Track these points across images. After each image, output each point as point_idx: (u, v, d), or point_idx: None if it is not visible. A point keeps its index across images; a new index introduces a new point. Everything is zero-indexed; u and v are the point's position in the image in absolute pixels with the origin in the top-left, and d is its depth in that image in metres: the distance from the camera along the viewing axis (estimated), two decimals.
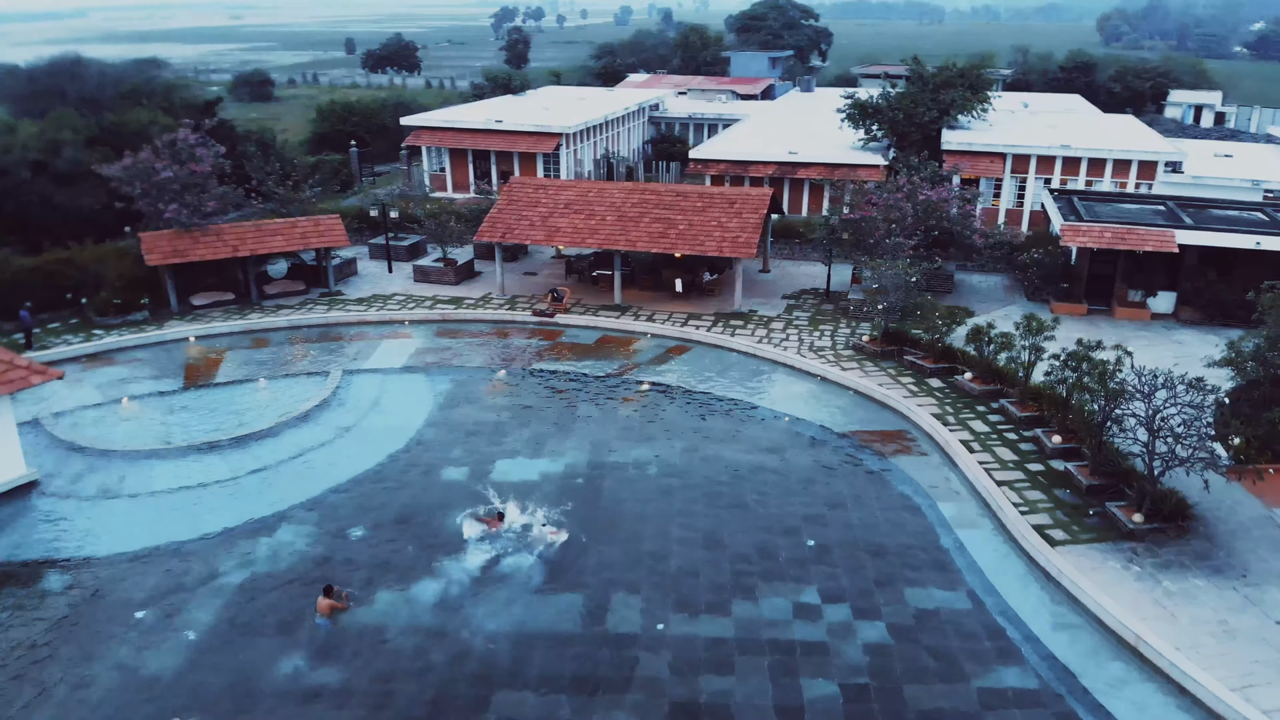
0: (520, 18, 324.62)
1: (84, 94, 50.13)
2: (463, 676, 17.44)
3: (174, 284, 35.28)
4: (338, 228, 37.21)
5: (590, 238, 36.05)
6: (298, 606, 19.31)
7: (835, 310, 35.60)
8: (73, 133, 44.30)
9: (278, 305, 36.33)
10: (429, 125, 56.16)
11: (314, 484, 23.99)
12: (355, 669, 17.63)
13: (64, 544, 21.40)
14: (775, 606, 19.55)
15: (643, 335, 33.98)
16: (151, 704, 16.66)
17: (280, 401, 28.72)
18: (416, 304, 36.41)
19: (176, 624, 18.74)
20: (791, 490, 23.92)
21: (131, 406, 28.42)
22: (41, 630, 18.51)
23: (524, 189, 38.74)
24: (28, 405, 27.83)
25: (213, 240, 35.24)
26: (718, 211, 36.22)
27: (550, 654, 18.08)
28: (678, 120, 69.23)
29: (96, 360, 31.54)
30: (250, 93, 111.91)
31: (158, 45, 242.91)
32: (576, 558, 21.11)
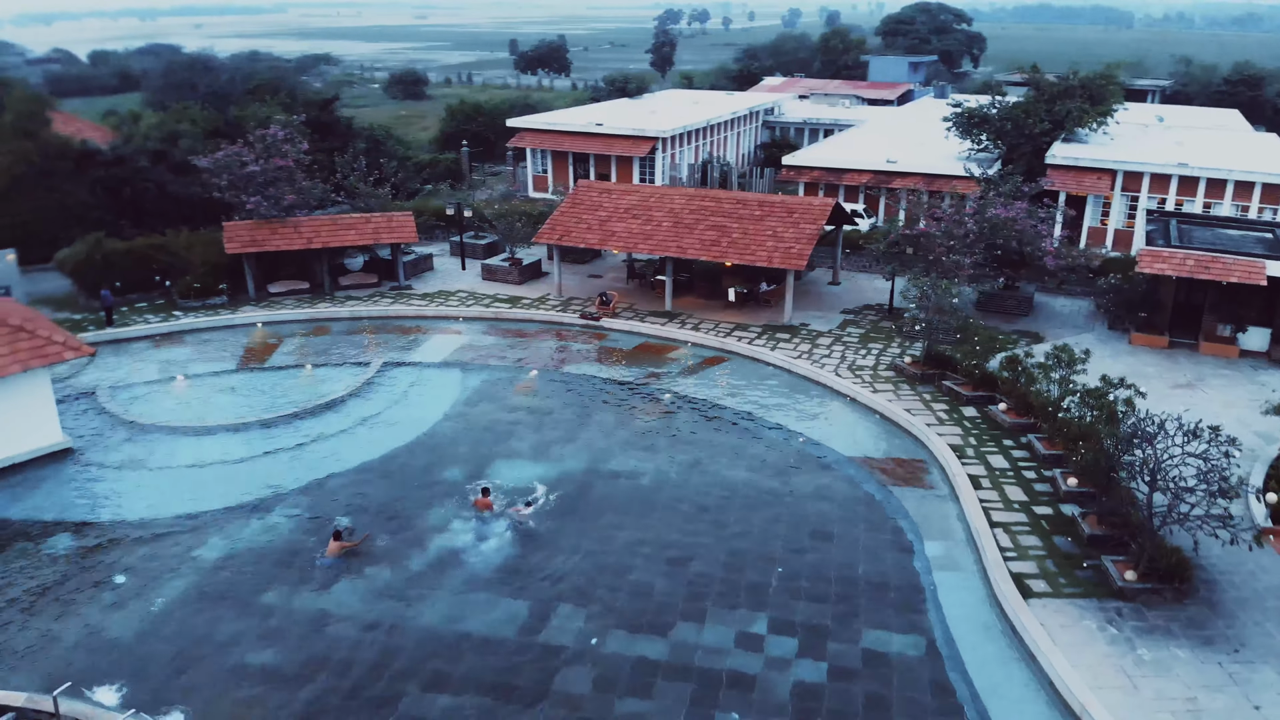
0: (685, 20, 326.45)
1: (214, 88, 54.03)
2: (381, 673, 17.75)
3: (253, 272, 37.47)
4: (409, 224, 38.53)
5: (643, 243, 35.92)
6: (257, 580, 20.18)
7: (893, 328, 34.08)
8: (191, 124, 47.84)
9: (348, 296, 37.99)
10: (532, 127, 57.35)
11: (315, 470, 24.98)
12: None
13: (80, 508, 23.13)
14: (719, 633, 18.91)
15: (683, 344, 33.58)
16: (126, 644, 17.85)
17: (317, 389, 30.00)
18: (476, 301, 37.26)
19: (159, 589, 19.91)
20: (779, 515, 23.07)
21: (184, 384, 30.39)
22: (34, 586, 20.10)
23: (588, 192, 38.99)
24: (91, 376, 30.29)
25: (290, 232, 37.21)
26: (775, 221, 35.34)
27: (475, 658, 18.14)
28: (792, 125, 67.98)
29: (168, 339, 33.90)
30: (403, 91, 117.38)
31: (339, 42, 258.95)
32: (536, 564, 21.10)
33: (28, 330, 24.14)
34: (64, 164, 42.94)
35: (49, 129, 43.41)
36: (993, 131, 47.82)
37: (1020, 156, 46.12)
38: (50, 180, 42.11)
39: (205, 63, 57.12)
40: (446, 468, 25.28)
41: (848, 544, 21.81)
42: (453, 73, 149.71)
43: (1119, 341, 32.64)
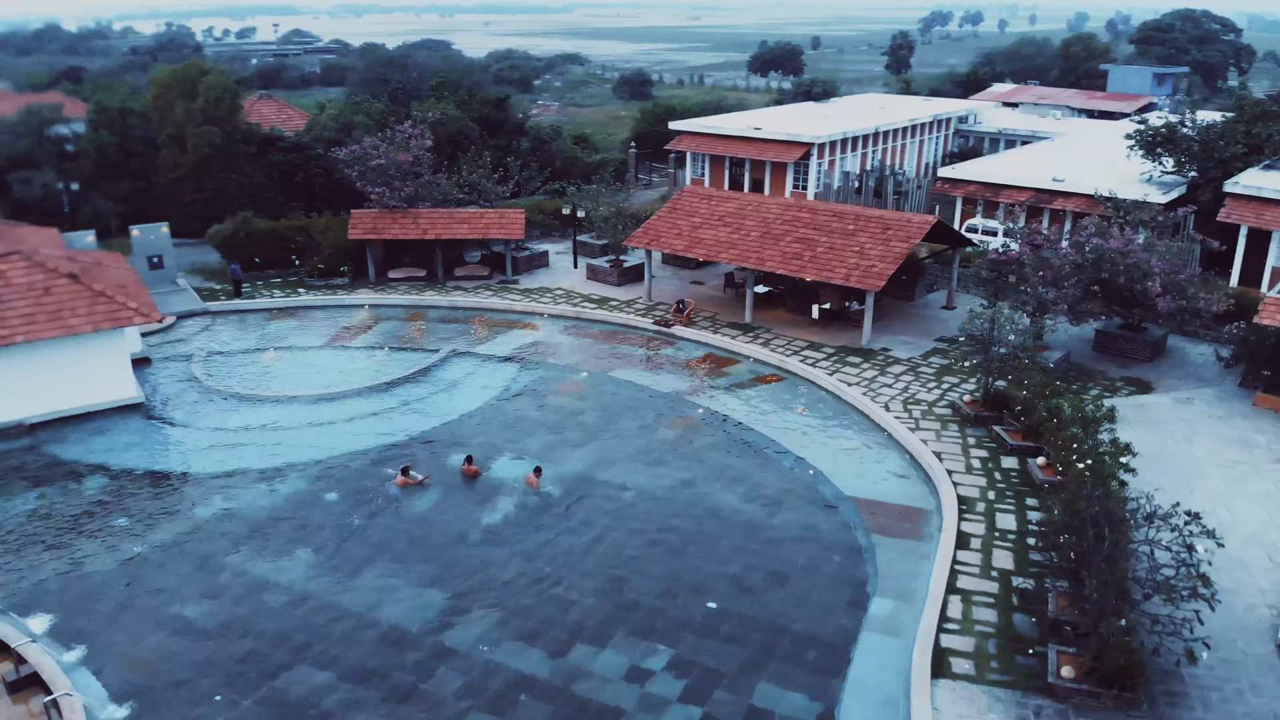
0: (956, 22, 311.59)
1: (404, 83, 58.13)
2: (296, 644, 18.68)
3: (374, 257, 40.13)
4: (519, 222, 39.72)
5: (725, 252, 34.95)
6: (228, 545, 21.78)
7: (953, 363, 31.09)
8: (366, 117, 51.77)
9: (457, 286, 39.80)
10: (692, 130, 57.19)
11: (332, 447, 26.48)
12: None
13: (124, 456, 25.92)
14: (612, 662, 18.24)
15: (745, 359, 32.39)
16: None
17: (381, 371, 31.71)
18: (567, 300, 37.85)
19: (149, 537, 22.04)
20: (745, 548, 21.79)
21: (271, 356, 33.13)
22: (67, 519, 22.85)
23: (690, 198, 38.43)
24: (195, 342, 33.72)
25: (408, 222, 39.50)
26: (866, 236, 33.23)
27: (371, 645, 18.59)
28: (987, 135, 63.33)
29: (282, 314, 37.05)
30: (630, 91, 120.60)
31: (604, 42, 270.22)
32: (472, 562, 21.27)
33: (107, 295, 27.32)
34: (247, 148, 48.01)
35: (238, 115, 48.56)
36: (1179, 153, 42.19)
37: (1209, 182, 40.42)
38: (233, 162, 47.21)
39: (401, 60, 61.71)
40: (447, 456, 25.98)
41: (798, 590, 20.25)
42: (693, 74, 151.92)
43: (1242, 401, 27.91)
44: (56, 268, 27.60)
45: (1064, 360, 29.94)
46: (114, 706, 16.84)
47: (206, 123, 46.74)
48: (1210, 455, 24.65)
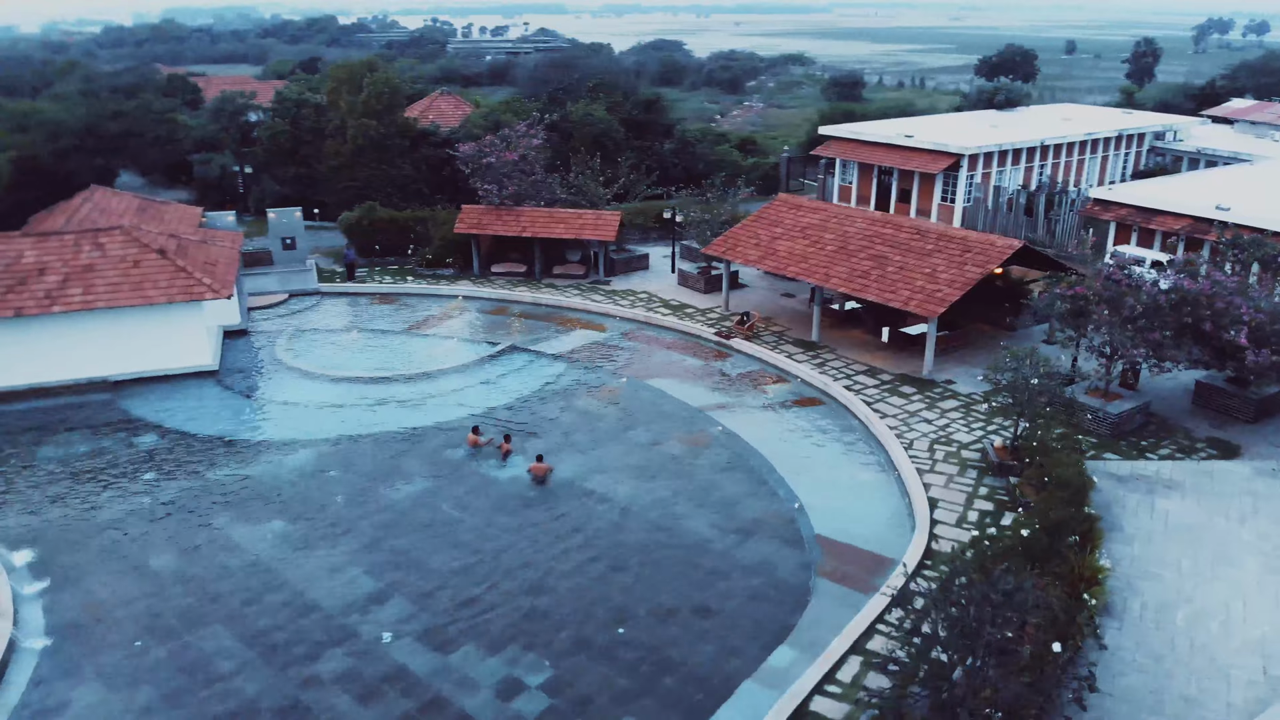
0: (1238, 30, 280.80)
1: (564, 84, 59.74)
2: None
3: (479, 251, 41.72)
4: (612, 225, 39.94)
5: (792, 265, 33.47)
6: (204, 512, 23.62)
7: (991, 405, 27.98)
8: (514, 116, 53.73)
9: (550, 284, 40.65)
10: (842, 136, 54.99)
11: (346, 427, 27.95)
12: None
13: (181, 418, 28.61)
14: (491, 670, 18.18)
15: (793, 379, 30.93)
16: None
17: (440, 359, 32.98)
18: (644, 304, 37.69)
19: (165, 493, 24.37)
20: (690, 576, 20.96)
21: (353, 337, 35.29)
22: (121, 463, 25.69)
23: (779, 207, 37.07)
24: (285, 320, 36.50)
25: (511, 219, 40.77)
26: (942, 258, 30.78)
27: (284, 619, 19.55)
28: (1186, 154, 56.51)
29: (383, 299, 39.35)
30: (838, 93, 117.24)
31: (845, 43, 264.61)
32: (416, 553, 21.80)
33: (186, 271, 30.21)
34: (401, 142, 51.23)
35: (398, 110, 51.86)
36: None
37: None
38: (386, 154, 50.56)
39: (568, 60, 63.45)
40: (448, 449, 26.71)
41: (716, 628, 19.23)
42: (916, 77, 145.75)
43: None
44: (149, 244, 30.85)
45: (1137, 412, 26.38)
46: (42, 639, 18.76)
47: (365, 116, 50.35)
48: (1259, 540, 20.96)
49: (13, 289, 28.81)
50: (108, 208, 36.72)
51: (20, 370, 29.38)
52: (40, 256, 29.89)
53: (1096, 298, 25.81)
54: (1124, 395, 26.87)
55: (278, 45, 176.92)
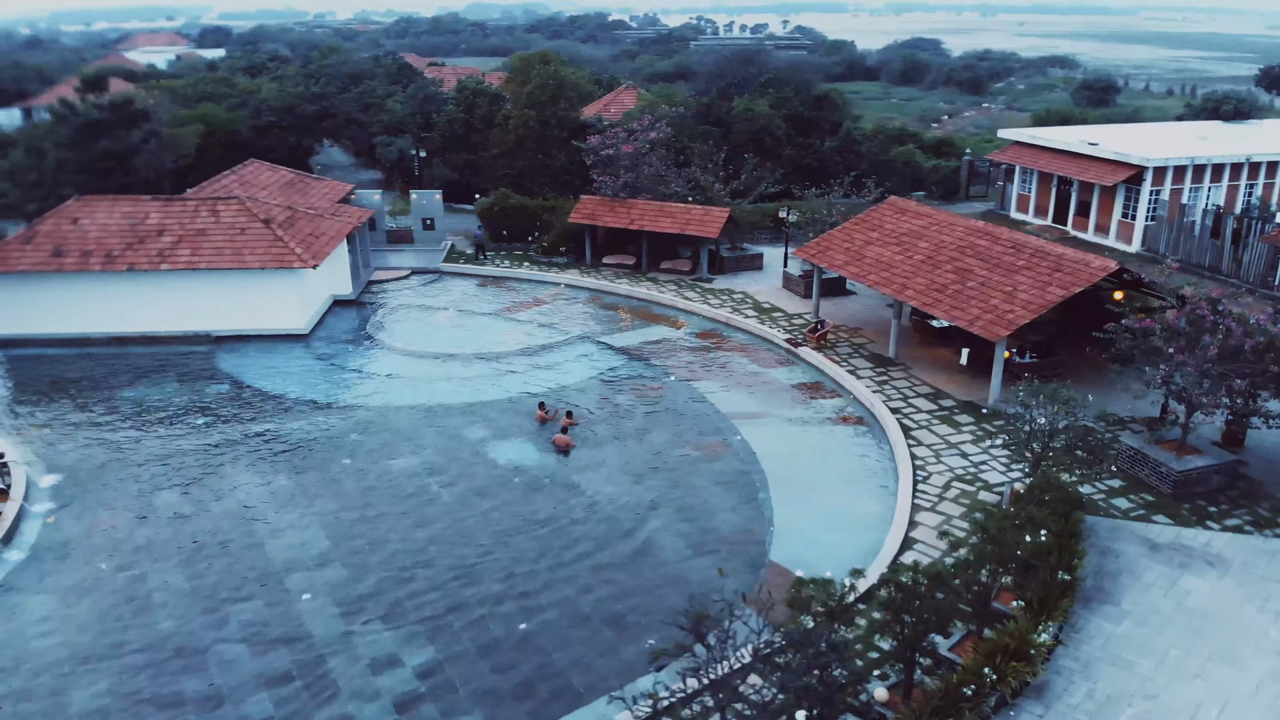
0: None
1: (741, 79, 58.69)
2: None
3: (592, 242, 42.03)
4: (717, 222, 38.87)
5: (874, 274, 31.03)
6: (274, 461, 25.53)
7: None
8: (668, 110, 53.54)
9: (653, 278, 40.28)
10: (1022, 141, 50.24)
11: (408, 397, 29.15)
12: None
13: (257, 375, 31.01)
14: (382, 643, 18.38)
15: (847, 394, 28.77)
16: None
17: (512, 342, 33.54)
18: (734, 305, 36.47)
19: (198, 435, 26.72)
20: (623, 581, 20.19)
21: (446, 315, 36.70)
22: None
23: (883, 211, 34.48)
24: (396, 295, 38.52)
25: (623, 211, 40.77)
26: (1028, 276, 27.46)
27: (236, 574, 20.83)
28: None
29: (492, 281, 40.64)
30: (1088, 98, 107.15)
31: (1136, 48, 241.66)
32: (381, 521, 22.42)
33: (283, 241, 32.68)
34: (560, 133, 52.55)
35: (560, 102, 53.22)
36: None
37: None
38: (544, 145, 52.08)
39: (745, 57, 62.15)
40: (469, 428, 27.19)
41: (605, 646, 18.33)
42: (1187, 84, 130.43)
43: None
44: (257, 213, 33.67)
45: (1214, 471, 22.24)
46: (21, 552, 21.07)
47: (529, 107, 52.14)
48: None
49: (132, 246, 32.49)
50: (256, 180, 40.44)
51: (136, 319, 33.07)
52: (163, 219, 33.50)
53: (1168, 334, 22.00)
54: (1204, 450, 22.77)
55: (539, 40, 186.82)
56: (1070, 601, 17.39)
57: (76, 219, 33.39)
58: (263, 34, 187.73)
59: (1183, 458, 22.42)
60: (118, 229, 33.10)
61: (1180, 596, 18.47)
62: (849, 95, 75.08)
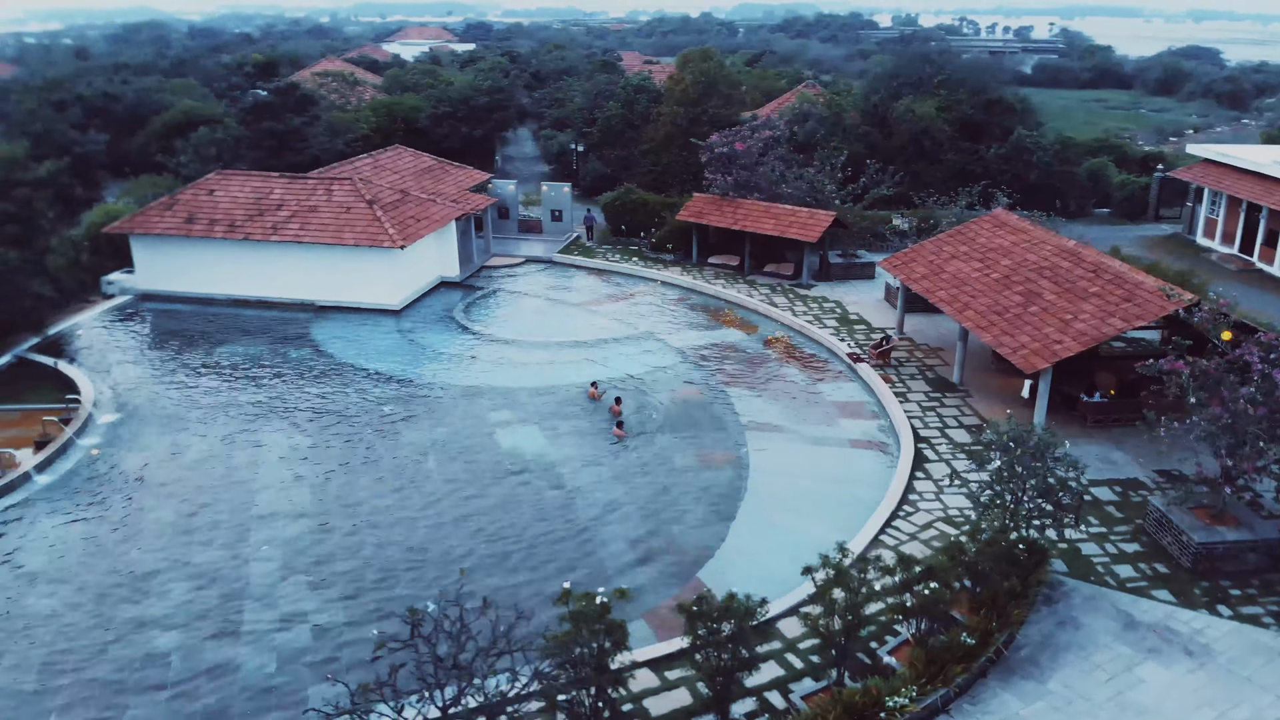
0: None
1: (914, 77, 55.42)
2: None
3: (699, 240, 41.44)
4: (817, 227, 37.16)
5: (941, 291, 28.63)
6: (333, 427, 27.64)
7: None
8: (825, 108, 51.73)
9: (751, 280, 39.21)
10: (1211, 158, 44.21)
11: (461, 376, 30.33)
12: None
13: (340, 345, 33.09)
14: (301, 600, 19.29)
15: (884, 417, 26.74)
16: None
17: (581, 333, 33.86)
18: (818, 313, 34.84)
19: (257, 390, 29.16)
20: (548, 572, 20.05)
21: (535, 303, 37.58)
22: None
23: (980, 224, 31.63)
24: (500, 280, 39.85)
25: (730, 210, 39.96)
26: (1094, 304, 24.42)
27: (231, 526, 22.66)
28: None
29: (594, 273, 41.12)
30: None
31: None
32: (346, 483, 23.52)
33: (380, 222, 34.73)
34: (709, 130, 52.11)
35: (709, 100, 52.77)
36: None
37: None
38: (688, 142, 51.90)
39: (924, 56, 58.44)
40: (496, 411, 27.82)
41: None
42: None
43: None
44: (364, 194, 35.97)
45: (1249, 548, 18.76)
46: (49, 478, 23.89)
47: (679, 104, 52.22)
48: None
49: (253, 218, 35.74)
50: (394, 164, 43.17)
51: (254, 284, 36.33)
52: (284, 195, 36.60)
53: (1196, 380, 18.80)
54: (1246, 522, 19.29)
55: (782, 39, 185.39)
56: (962, 670, 15.37)
57: (213, 190, 37.21)
58: (519, 30, 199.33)
59: (1213, 527, 19.14)
60: (245, 201, 36.55)
61: (1126, 686, 15.84)
62: (1065, 101, 69.27)
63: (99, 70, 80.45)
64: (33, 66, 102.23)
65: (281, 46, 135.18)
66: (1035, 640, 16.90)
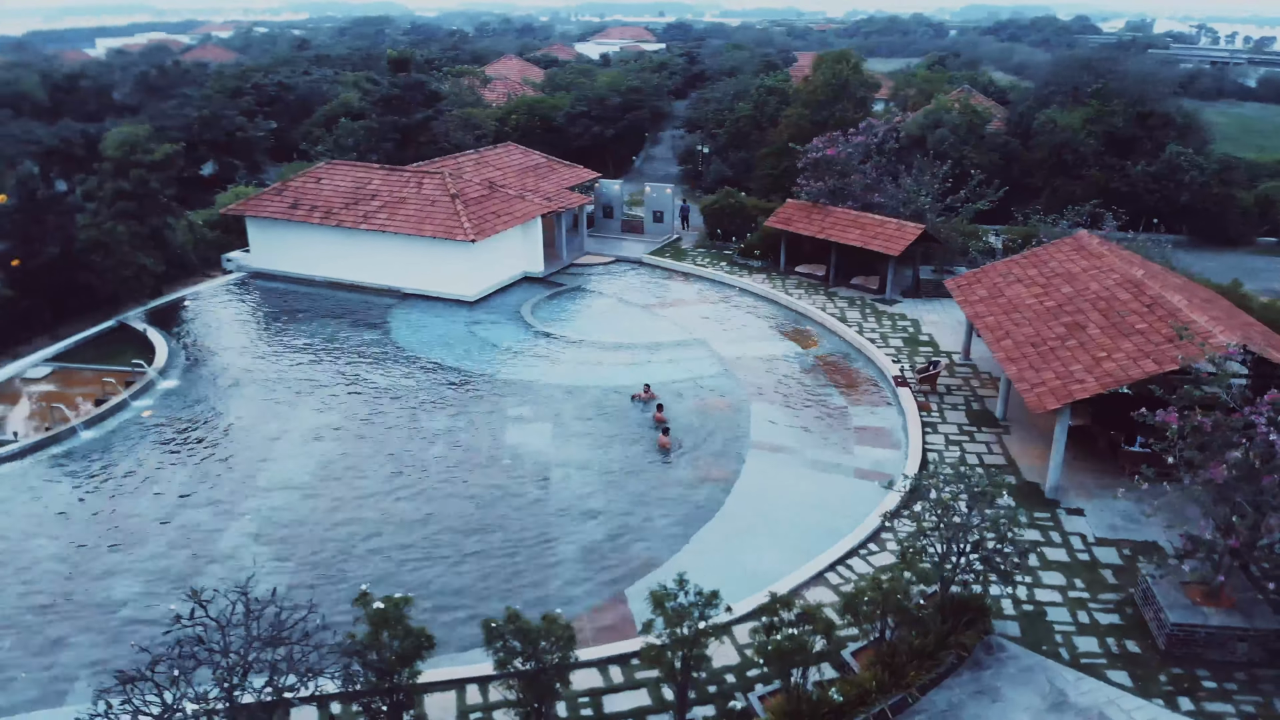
0: None
1: (1075, 85, 51.32)
2: None
3: (790, 247, 40.12)
4: (899, 239, 35.11)
5: (985, 317, 26.34)
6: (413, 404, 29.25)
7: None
8: (958, 114, 48.79)
9: (833, 293, 37.61)
10: None
11: (506, 369, 31.03)
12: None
13: (407, 332, 34.47)
14: (255, 564, 20.46)
15: (903, 446, 24.98)
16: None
17: (636, 336, 33.68)
18: (888, 331, 32.98)
19: (317, 365, 30.96)
20: (490, 568, 20.26)
21: (606, 304, 37.66)
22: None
23: (1058, 248, 28.83)
24: (582, 278, 40.14)
25: (818, 218, 38.50)
26: (1136, 341, 21.79)
27: (270, 491, 24.29)
28: None
29: (677, 275, 40.72)
30: None
31: None
32: (349, 465, 24.50)
33: (458, 217, 35.86)
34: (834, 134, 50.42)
35: (840, 103, 50.90)
36: None
37: None
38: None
39: (1083, 63, 53.41)
40: (519, 406, 28.21)
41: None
42: None
43: None
44: (449, 188, 37.23)
45: (1239, 637, 16.21)
46: (98, 442, 26.28)
47: (804, 106, 50.81)
48: None
49: (348, 206, 37.79)
50: (500, 161, 44.33)
51: (348, 269, 38.41)
52: (380, 185, 38.47)
53: (1187, 436, 16.42)
54: (1245, 607, 16.71)
55: (990, 42, 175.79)
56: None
57: (320, 178, 39.66)
58: (719, 31, 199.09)
59: (1199, 607, 16.72)
60: (344, 190, 38.73)
61: None
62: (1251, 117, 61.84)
63: (299, 60, 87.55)
64: (252, 55, 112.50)
65: (478, 44, 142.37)
66: (938, 708, 15.38)
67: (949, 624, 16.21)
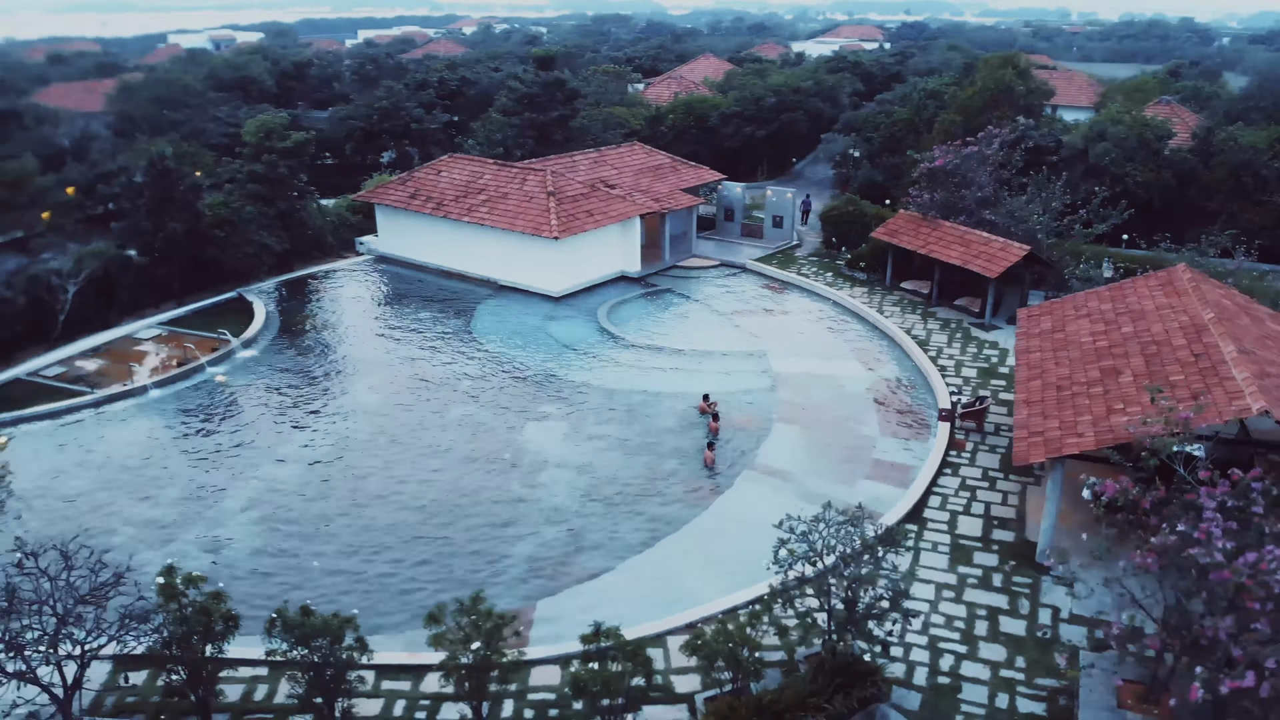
0: None
1: (1268, 103, 45.10)
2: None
3: (896, 261, 37.82)
4: (999, 260, 32.27)
5: (1032, 354, 23.65)
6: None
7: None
8: (1112, 124, 44.24)
9: (932, 313, 35.15)
10: None
11: (560, 368, 31.56)
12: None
13: (489, 321, 35.60)
14: (246, 532, 22.10)
15: (911, 484, 23.02)
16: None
17: (705, 345, 33.01)
18: (968, 359, 30.51)
19: (390, 350, 32.79)
20: (451, 558, 20.81)
21: (689, 308, 37.13)
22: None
23: (1148, 281, 25.40)
24: (677, 281, 39.83)
25: (924, 233, 36.07)
26: (1191, 386, 18.94)
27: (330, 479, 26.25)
28: None
29: (775, 283, 39.42)
30: None
31: None
32: (373, 449, 25.75)
33: (547, 214, 36.54)
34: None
35: (996, 109, 47.32)
36: None
37: None
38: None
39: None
40: (546, 404, 28.55)
41: (369, 595, 19.41)
42: None
43: None
44: (548, 186, 37.97)
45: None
46: (160, 401, 28.99)
47: (959, 112, 47.75)
48: None
49: (458, 199, 39.44)
50: (622, 160, 44.68)
51: (458, 258, 40.06)
52: (489, 180, 39.87)
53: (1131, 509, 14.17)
54: (1179, 714, 14.24)
55: (1259, 53, 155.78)
56: None
57: (440, 171, 41.65)
58: (956, 31, 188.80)
59: (1123, 711, 14.42)
60: (458, 183, 40.46)
61: None
62: None
63: (505, 56, 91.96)
64: (478, 50, 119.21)
65: (699, 41, 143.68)
66: None
67: (817, 684, 14.91)
